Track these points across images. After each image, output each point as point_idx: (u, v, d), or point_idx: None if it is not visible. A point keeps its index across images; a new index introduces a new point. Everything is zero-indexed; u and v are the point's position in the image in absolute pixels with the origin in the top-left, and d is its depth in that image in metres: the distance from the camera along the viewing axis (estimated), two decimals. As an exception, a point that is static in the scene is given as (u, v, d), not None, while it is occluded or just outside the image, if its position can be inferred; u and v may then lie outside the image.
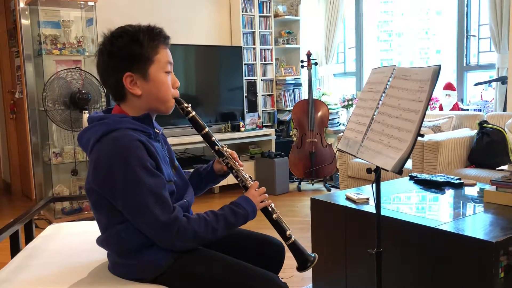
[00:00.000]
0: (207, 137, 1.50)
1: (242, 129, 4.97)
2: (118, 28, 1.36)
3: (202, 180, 1.64)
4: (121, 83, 1.34)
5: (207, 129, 1.49)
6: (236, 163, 1.52)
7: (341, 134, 1.81)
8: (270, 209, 1.48)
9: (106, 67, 1.36)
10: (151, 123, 1.41)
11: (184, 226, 1.30)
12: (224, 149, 1.52)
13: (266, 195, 1.49)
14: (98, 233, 1.43)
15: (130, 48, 1.32)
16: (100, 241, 1.43)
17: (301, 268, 1.49)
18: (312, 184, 5.07)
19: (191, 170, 1.69)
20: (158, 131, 1.46)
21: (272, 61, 5.60)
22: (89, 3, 4.13)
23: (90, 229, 1.83)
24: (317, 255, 1.51)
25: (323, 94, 5.39)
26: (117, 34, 1.34)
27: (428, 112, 4.15)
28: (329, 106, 5.03)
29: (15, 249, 1.87)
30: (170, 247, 1.33)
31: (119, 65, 1.33)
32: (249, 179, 1.52)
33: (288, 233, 1.47)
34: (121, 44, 1.32)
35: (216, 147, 1.50)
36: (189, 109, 1.46)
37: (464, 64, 4.50)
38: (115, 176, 1.26)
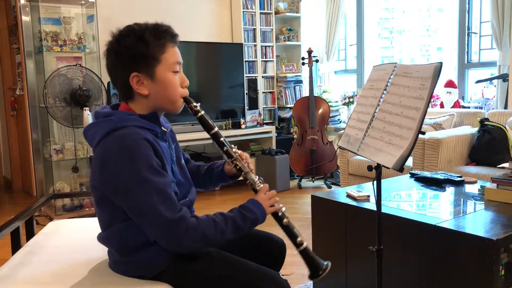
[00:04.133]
0: (216, 138, 1.45)
1: (243, 126, 4.96)
2: (125, 27, 1.34)
3: (214, 178, 1.62)
4: (128, 83, 1.32)
5: (216, 129, 1.45)
6: (246, 164, 1.47)
7: (342, 131, 1.81)
8: (280, 214, 1.43)
9: (113, 67, 1.35)
10: (158, 122, 1.39)
11: (193, 225, 1.26)
12: (234, 150, 1.47)
13: (277, 198, 1.45)
14: (99, 230, 1.43)
15: (136, 48, 1.30)
16: (101, 238, 1.43)
17: (313, 276, 1.43)
18: (313, 182, 5.07)
19: (204, 164, 1.67)
20: (166, 130, 1.43)
21: (273, 58, 5.59)
22: (90, 0, 4.12)
23: (91, 226, 1.83)
24: (330, 263, 1.44)
25: (324, 91, 5.39)
26: (124, 33, 1.32)
27: (429, 109, 4.13)
28: (330, 104, 5.03)
29: (16, 246, 1.88)
30: (176, 247, 1.29)
31: (126, 65, 1.31)
32: (259, 181, 1.46)
33: (299, 239, 1.42)
34: (127, 44, 1.30)
35: (225, 147, 1.45)
36: (198, 108, 1.42)
37: (466, 62, 4.49)
38: (120, 174, 1.24)
